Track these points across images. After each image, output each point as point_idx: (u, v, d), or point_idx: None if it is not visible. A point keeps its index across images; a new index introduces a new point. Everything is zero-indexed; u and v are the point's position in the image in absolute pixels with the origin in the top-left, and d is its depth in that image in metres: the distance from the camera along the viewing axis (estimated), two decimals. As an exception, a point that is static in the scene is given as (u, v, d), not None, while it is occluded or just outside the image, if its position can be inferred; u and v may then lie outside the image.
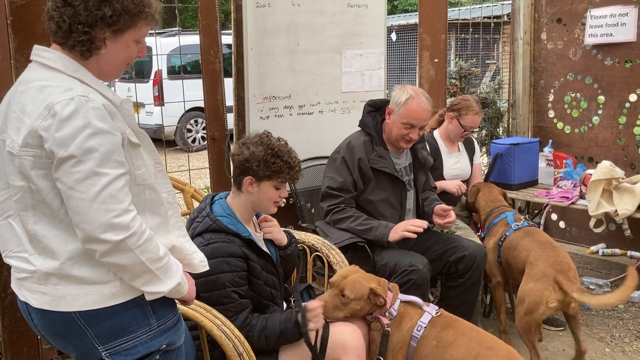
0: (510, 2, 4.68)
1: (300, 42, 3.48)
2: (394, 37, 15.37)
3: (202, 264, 1.72)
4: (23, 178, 1.48)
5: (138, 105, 8.17)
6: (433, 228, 3.10)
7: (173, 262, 1.56)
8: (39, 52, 1.53)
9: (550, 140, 4.31)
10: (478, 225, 3.43)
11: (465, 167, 3.64)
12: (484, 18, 5.73)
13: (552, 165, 4.08)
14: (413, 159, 3.13)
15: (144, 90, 9.30)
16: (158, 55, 8.02)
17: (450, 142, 3.61)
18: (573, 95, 4.33)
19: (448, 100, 4.11)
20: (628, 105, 4.03)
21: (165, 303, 1.60)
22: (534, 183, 4.10)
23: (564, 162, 4.00)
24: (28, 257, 1.53)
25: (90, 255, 1.46)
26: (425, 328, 2.24)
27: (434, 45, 4.19)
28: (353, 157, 2.92)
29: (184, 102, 3.76)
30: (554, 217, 4.50)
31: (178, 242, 1.65)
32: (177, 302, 1.68)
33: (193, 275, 1.71)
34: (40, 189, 1.46)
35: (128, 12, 1.51)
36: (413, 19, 15.59)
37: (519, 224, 3.14)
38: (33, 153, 1.44)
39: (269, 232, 2.33)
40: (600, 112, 4.19)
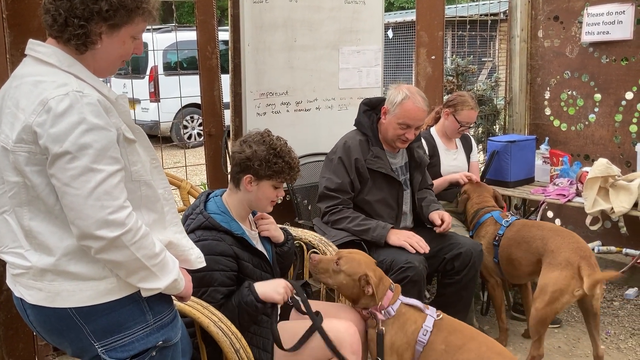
0: (508, -1, 4.69)
1: (298, 38, 3.47)
2: (391, 34, 15.37)
3: (198, 260, 1.72)
4: (18, 174, 1.47)
5: (134, 102, 8.14)
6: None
7: (169, 258, 1.55)
8: (34, 46, 1.51)
9: (547, 138, 4.31)
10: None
11: (463, 164, 3.64)
12: (481, 15, 5.72)
13: (548, 163, 4.09)
14: (409, 159, 3.13)
15: (140, 86, 9.27)
16: (154, 51, 7.98)
17: (448, 139, 3.61)
18: (569, 93, 4.33)
19: (445, 98, 4.11)
20: (624, 103, 4.04)
21: (162, 299, 1.60)
22: (531, 180, 4.10)
23: (561, 159, 4.00)
24: (24, 253, 1.52)
25: (86, 252, 1.45)
26: (431, 332, 2.21)
27: (431, 42, 4.18)
28: (350, 157, 2.91)
29: (181, 98, 3.75)
30: (550, 214, 4.51)
31: (175, 238, 1.64)
32: (173, 298, 1.68)
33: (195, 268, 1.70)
34: (35, 185, 1.46)
35: (125, 7, 1.49)
36: (409, 16, 15.60)
37: (509, 220, 3.12)
38: (27, 149, 1.43)
39: (266, 229, 2.32)
40: (597, 109, 4.19)
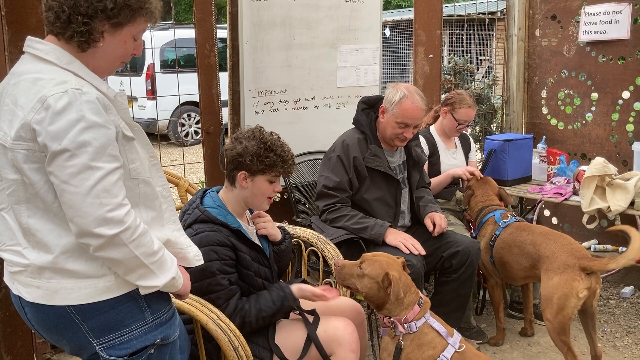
0: (505, -2, 4.69)
1: (296, 36, 3.47)
2: (388, 32, 15.37)
3: (196, 258, 1.72)
4: (16, 171, 1.47)
5: (131, 99, 8.12)
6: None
7: (167, 256, 1.55)
8: (32, 43, 1.51)
9: (544, 137, 4.32)
10: (472, 223, 3.42)
11: (462, 163, 3.65)
12: (479, 14, 5.73)
13: (545, 162, 4.10)
14: (407, 157, 3.13)
15: (137, 84, 9.25)
16: (152, 49, 7.97)
17: (447, 137, 3.62)
18: (567, 92, 4.34)
19: (443, 96, 4.12)
20: (621, 102, 4.05)
21: (160, 297, 1.60)
22: (528, 179, 4.11)
23: (558, 158, 4.01)
24: (22, 250, 1.52)
25: (84, 249, 1.45)
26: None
27: (429, 41, 4.19)
28: (348, 155, 2.92)
29: (179, 95, 3.75)
30: (547, 213, 4.52)
31: (173, 235, 1.65)
32: (171, 296, 1.68)
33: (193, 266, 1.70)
34: (34, 183, 1.45)
35: (129, 6, 1.50)
36: (407, 15, 15.61)
37: (507, 221, 3.09)
38: (26, 146, 1.43)
39: (263, 227, 2.33)
40: (594, 108, 4.20)
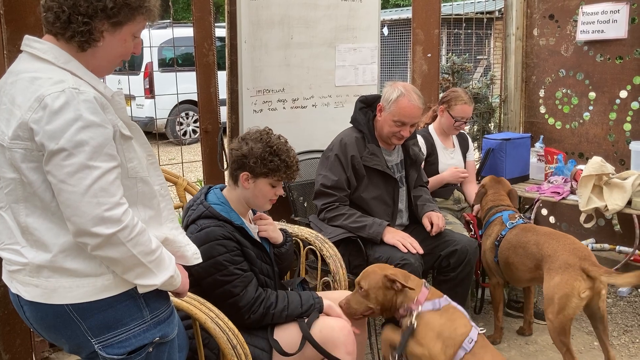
0: (503, -3, 4.69)
1: (294, 35, 3.47)
2: (386, 31, 15.37)
3: (195, 256, 1.72)
4: (14, 170, 1.47)
5: (129, 98, 8.11)
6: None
7: (166, 254, 1.56)
8: (30, 42, 1.51)
9: (542, 136, 4.33)
10: (470, 224, 3.42)
11: (460, 163, 3.66)
12: (477, 13, 5.73)
13: (543, 161, 4.11)
14: (405, 156, 3.14)
15: (135, 83, 9.24)
16: (150, 48, 7.95)
17: (445, 136, 3.62)
18: (564, 92, 4.35)
19: (441, 95, 4.12)
20: (618, 102, 4.06)
21: (159, 295, 1.60)
22: (525, 178, 4.12)
23: (555, 157, 4.02)
24: (20, 249, 1.52)
25: (83, 248, 1.46)
26: (476, 344, 2.18)
27: (427, 40, 4.19)
28: (346, 154, 2.92)
29: (177, 94, 3.74)
30: (544, 212, 4.53)
31: (171, 234, 1.65)
32: (170, 294, 1.68)
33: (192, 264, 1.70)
34: (32, 182, 1.45)
35: (129, 5, 1.50)
36: (405, 14, 15.61)
37: (514, 222, 3.08)
38: (24, 146, 1.43)
39: (264, 229, 2.33)
40: (591, 108, 4.21)
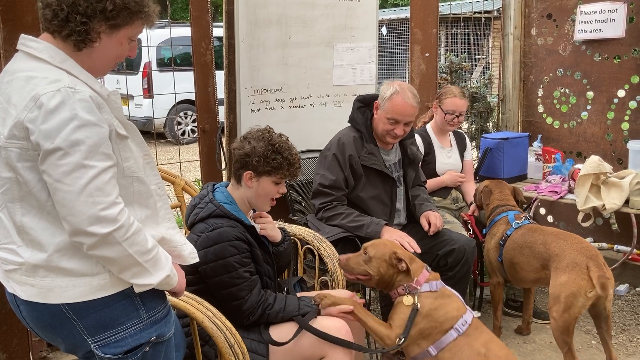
0: (501, -3, 4.70)
1: (292, 35, 3.47)
2: (385, 31, 15.37)
3: (192, 256, 1.72)
4: (10, 170, 1.47)
5: (127, 97, 8.10)
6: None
7: (162, 254, 1.56)
8: (26, 41, 1.51)
9: (540, 135, 4.34)
10: (469, 224, 3.42)
11: (457, 162, 3.66)
12: (475, 13, 5.74)
13: (541, 160, 4.11)
14: (402, 155, 3.14)
15: (133, 82, 9.24)
16: (148, 47, 7.94)
17: (443, 135, 3.63)
18: (562, 91, 4.35)
19: (437, 95, 4.12)
20: (616, 101, 4.06)
21: (155, 295, 1.60)
22: (523, 177, 4.12)
23: (553, 156, 4.03)
24: (16, 248, 1.52)
25: (79, 247, 1.45)
26: (470, 326, 2.19)
27: (425, 40, 4.19)
28: (344, 153, 2.92)
29: (175, 94, 3.74)
30: (543, 211, 4.53)
31: (167, 234, 1.65)
32: (167, 293, 1.68)
33: (201, 262, 1.69)
34: (27, 181, 1.45)
35: (128, 9, 1.50)
36: (404, 13, 15.62)
37: (520, 222, 3.06)
38: (19, 145, 1.42)
39: (263, 228, 2.34)
40: (589, 107, 4.22)
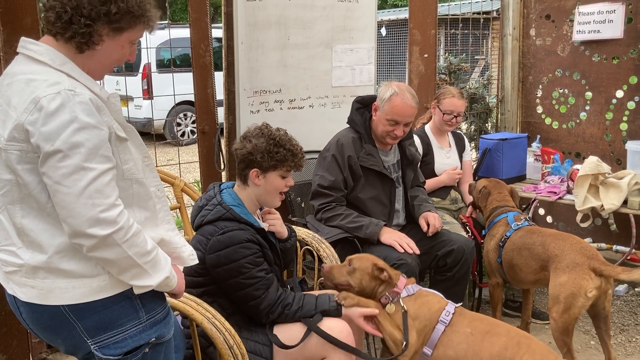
0: (500, -2, 4.70)
1: (291, 36, 3.48)
2: (384, 32, 15.38)
3: (191, 258, 1.73)
4: (10, 172, 1.48)
5: (127, 99, 8.11)
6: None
7: (161, 255, 1.56)
8: (26, 44, 1.52)
9: (538, 136, 4.34)
10: (467, 226, 3.42)
11: (456, 162, 3.66)
12: (474, 14, 5.75)
13: (539, 161, 4.11)
14: (401, 156, 3.15)
15: (133, 84, 9.25)
16: (147, 49, 7.96)
17: (441, 135, 3.63)
18: (561, 91, 4.36)
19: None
20: (615, 102, 4.07)
21: (155, 296, 1.61)
22: (522, 178, 4.13)
23: (552, 157, 4.03)
24: (16, 250, 1.53)
25: (78, 249, 1.46)
26: (454, 315, 2.26)
27: (424, 41, 4.20)
28: (343, 155, 2.93)
29: (174, 95, 3.75)
30: (542, 211, 4.54)
31: (167, 235, 1.65)
32: (166, 295, 1.69)
33: (214, 265, 1.68)
34: (27, 183, 1.46)
35: (131, 13, 1.52)
36: (403, 14, 15.63)
37: (519, 224, 3.06)
38: (19, 147, 1.43)
39: (273, 224, 2.35)
40: (588, 108, 4.22)
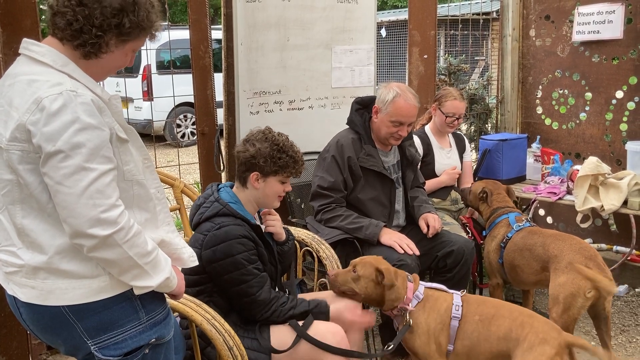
0: (499, -2, 4.71)
1: (291, 37, 3.48)
2: (384, 33, 15.40)
3: (191, 259, 1.73)
4: (11, 172, 1.48)
5: (127, 100, 8.12)
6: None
7: (162, 256, 1.57)
8: (28, 45, 1.52)
9: (538, 137, 4.34)
10: (467, 227, 3.42)
11: (456, 163, 3.67)
12: (473, 14, 5.75)
13: (539, 161, 4.12)
14: (401, 157, 3.15)
15: (133, 85, 9.25)
16: (147, 50, 7.96)
17: (441, 136, 3.63)
18: (561, 92, 4.36)
19: (436, 96, 4.13)
20: (615, 102, 4.07)
21: (155, 297, 1.61)
22: (522, 179, 4.13)
23: (552, 158, 4.03)
24: (16, 251, 1.53)
25: (79, 250, 1.46)
26: (462, 306, 2.29)
27: (424, 42, 4.20)
28: (343, 155, 2.93)
29: (174, 97, 3.75)
30: (542, 212, 4.54)
31: (167, 237, 1.66)
32: (166, 296, 1.69)
33: (210, 260, 1.68)
34: (28, 183, 1.46)
35: (141, 26, 1.54)
36: (403, 15, 15.64)
37: (521, 225, 3.05)
38: (21, 147, 1.44)
39: (272, 225, 2.36)
40: (588, 108, 4.23)
